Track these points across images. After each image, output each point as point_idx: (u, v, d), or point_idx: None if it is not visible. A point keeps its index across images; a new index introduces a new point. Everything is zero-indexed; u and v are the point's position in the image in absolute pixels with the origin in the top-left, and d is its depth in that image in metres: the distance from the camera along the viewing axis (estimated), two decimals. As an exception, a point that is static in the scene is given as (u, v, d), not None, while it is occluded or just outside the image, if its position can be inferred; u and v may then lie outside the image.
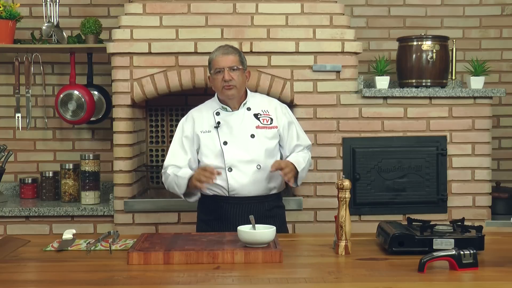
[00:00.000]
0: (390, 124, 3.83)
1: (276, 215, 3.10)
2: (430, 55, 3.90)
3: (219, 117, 3.07)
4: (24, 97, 4.19)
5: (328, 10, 3.79)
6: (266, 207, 3.04)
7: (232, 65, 3.00)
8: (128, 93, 3.74)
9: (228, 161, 2.99)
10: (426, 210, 3.77)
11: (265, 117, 3.09)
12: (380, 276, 2.12)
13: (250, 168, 2.99)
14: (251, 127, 3.04)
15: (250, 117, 3.07)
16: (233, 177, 2.99)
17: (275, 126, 3.08)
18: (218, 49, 3.07)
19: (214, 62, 3.03)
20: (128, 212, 3.75)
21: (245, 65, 3.10)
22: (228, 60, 3.01)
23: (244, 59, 3.11)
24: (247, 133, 3.03)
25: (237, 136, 3.02)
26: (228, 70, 2.99)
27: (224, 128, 3.04)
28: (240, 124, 3.05)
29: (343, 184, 2.42)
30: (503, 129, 4.48)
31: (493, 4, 4.47)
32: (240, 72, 3.03)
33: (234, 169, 2.99)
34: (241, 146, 3.01)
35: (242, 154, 3.00)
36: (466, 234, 2.41)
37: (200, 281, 2.06)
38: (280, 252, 2.30)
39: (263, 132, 3.05)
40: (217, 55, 3.04)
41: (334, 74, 3.78)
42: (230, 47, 3.09)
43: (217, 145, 3.02)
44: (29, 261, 2.38)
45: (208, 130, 3.05)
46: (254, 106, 3.11)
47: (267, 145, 3.04)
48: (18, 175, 4.33)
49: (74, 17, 4.29)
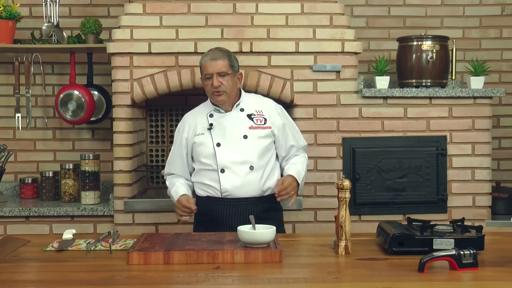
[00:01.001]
0: (390, 124, 3.83)
1: (272, 217, 3.06)
2: (430, 55, 3.90)
3: (212, 119, 3.07)
4: (24, 97, 4.18)
5: (328, 10, 3.79)
6: (260, 209, 3.01)
7: (221, 71, 2.97)
8: (128, 93, 3.74)
9: (221, 162, 2.99)
10: (426, 210, 3.77)
11: (259, 117, 3.07)
12: (380, 276, 2.12)
13: (243, 169, 2.99)
14: (244, 128, 3.04)
15: (243, 118, 3.06)
16: (225, 178, 2.99)
17: (268, 126, 3.06)
18: (207, 54, 3.04)
19: (203, 68, 3.02)
20: (128, 212, 3.75)
21: (236, 68, 3.06)
22: (217, 65, 2.98)
23: (235, 62, 3.06)
24: (239, 134, 3.02)
25: (230, 138, 3.02)
26: (217, 76, 2.97)
27: (217, 129, 3.04)
28: (233, 125, 3.04)
29: (343, 184, 2.42)
30: (503, 129, 4.48)
31: (493, 4, 4.47)
32: (230, 76, 3.00)
33: (226, 170, 2.99)
34: (233, 147, 3.01)
35: (235, 155, 2.99)
36: (466, 234, 2.41)
37: (200, 281, 2.06)
38: (280, 252, 2.30)
39: (256, 132, 3.04)
40: (206, 60, 3.01)
41: (334, 74, 3.78)
42: (219, 51, 3.04)
43: (210, 146, 3.03)
44: (29, 261, 2.38)
45: (202, 132, 3.06)
46: (247, 106, 3.09)
47: (260, 145, 3.03)
48: (18, 175, 4.33)
49: (74, 17, 4.29)
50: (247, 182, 2.99)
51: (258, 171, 3.01)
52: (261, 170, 3.01)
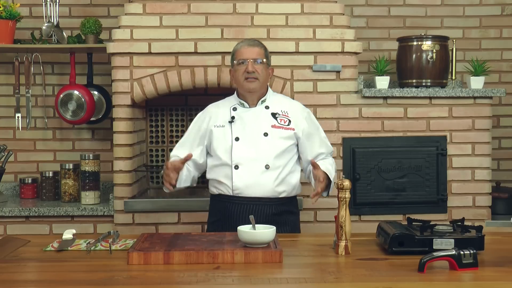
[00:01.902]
0: (390, 124, 3.83)
1: (287, 222, 2.97)
2: (430, 55, 3.90)
3: (235, 112, 2.98)
4: (24, 97, 4.19)
5: (328, 10, 3.79)
6: (273, 211, 2.93)
7: (257, 57, 2.91)
8: (128, 93, 3.74)
9: (235, 158, 2.90)
10: (426, 210, 3.77)
11: (283, 117, 2.98)
12: (380, 276, 2.12)
13: (258, 168, 2.89)
14: (266, 126, 2.94)
15: (267, 115, 2.97)
16: (238, 176, 2.90)
17: (292, 128, 2.96)
18: (243, 41, 3.01)
19: (238, 53, 2.94)
20: (128, 212, 3.75)
21: (270, 61, 3.02)
22: (254, 51, 2.92)
23: (269, 55, 3.02)
24: (260, 131, 2.93)
25: (249, 133, 2.93)
26: (252, 62, 2.90)
27: (238, 123, 2.95)
28: (255, 121, 2.95)
29: (343, 184, 2.42)
30: (503, 129, 4.48)
31: (493, 4, 4.47)
32: (264, 66, 2.94)
33: (240, 167, 2.90)
34: (252, 143, 2.91)
35: (251, 152, 2.90)
36: (466, 234, 2.41)
37: (200, 281, 2.06)
38: (280, 252, 2.30)
39: (278, 132, 2.94)
40: (242, 45, 2.95)
41: (334, 74, 3.78)
42: (256, 41, 3.02)
43: (229, 140, 2.93)
44: (29, 261, 2.38)
45: (222, 124, 2.97)
46: (273, 105, 3.01)
47: (280, 145, 2.93)
48: (18, 175, 4.33)
49: (74, 17, 4.30)
50: (260, 181, 2.89)
51: (273, 172, 2.91)
52: (277, 171, 2.91)
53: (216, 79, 3.74)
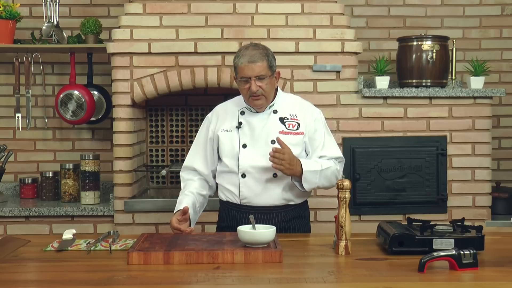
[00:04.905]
0: (390, 124, 3.83)
1: (296, 227, 2.88)
2: (430, 55, 3.90)
3: (243, 117, 2.86)
4: (24, 97, 4.18)
5: (328, 10, 3.79)
6: (283, 218, 2.84)
7: (259, 75, 2.74)
8: (128, 93, 3.74)
9: (242, 166, 2.80)
10: (426, 210, 3.77)
11: (292, 121, 2.85)
12: (380, 276, 2.12)
13: (265, 176, 2.78)
14: (274, 132, 2.81)
15: (274, 121, 2.84)
16: (245, 184, 2.81)
17: (301, 132, 2.84)
18: (243, 54, 2.76)
19: (240, 70, 2.76)
20: (128, 212, 3.75)
21: (274, 67, 2.82)
22: (255, 69, 2.73)
23: (273, 61, 2.82)
24: (268, 138, 2.80)
25: (257, 140, 2.81)
26: (255, 79, 2.74)
27: (245, 129, 2.84)
28: (263, 128, 2.83)
29: (343, 184, 2.42)
30: (503, 129, 4.48)
31: (493, 4, 4.47)
32: (269, 79, 2.78)
33: (248, 175, 2.80)
34: (259, 151, 2.79)
35: (259, 160, 2.78)
36: (466, 234, 2.41)
37: (200, 281, 2.06)
38: (280, 252, 2.30)
39: (287, 139, 2.77)
40: (242, 62, 2.74)
41: (334, 74, 3.78)
42: (257, 51, 2.77)
43: (236, 146, 2.83)
44: (29, 261, 2.38)
45: (229, 129, 2.85)
46: (281, 108, 2.87)
47: None
48: (18, 175, 4.33)
49: (74, 17, 4.29)
50: (268, 190, 2.80)
51: (282, 180, 2.80)
52: (286, 179, 2.79)
53: (216, 79, 3.74)
